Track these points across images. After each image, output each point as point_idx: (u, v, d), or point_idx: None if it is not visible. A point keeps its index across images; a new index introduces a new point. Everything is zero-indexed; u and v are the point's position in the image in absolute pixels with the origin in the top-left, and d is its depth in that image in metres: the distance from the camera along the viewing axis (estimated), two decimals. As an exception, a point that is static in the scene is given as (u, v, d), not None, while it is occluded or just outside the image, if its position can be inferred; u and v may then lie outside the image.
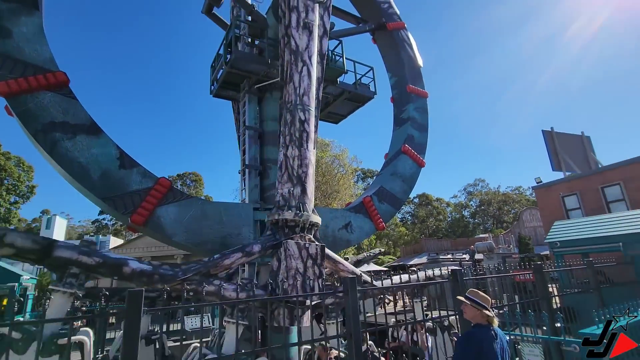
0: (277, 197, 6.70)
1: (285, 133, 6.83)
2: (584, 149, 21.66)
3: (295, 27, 7.34)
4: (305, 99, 7.17)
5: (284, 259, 5.85)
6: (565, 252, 10.27)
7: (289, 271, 5.77)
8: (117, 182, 6.49)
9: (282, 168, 6.68)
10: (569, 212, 18.19)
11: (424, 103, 12.38)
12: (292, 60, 7.27)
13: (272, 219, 6.45)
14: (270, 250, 6.18)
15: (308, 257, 6.02)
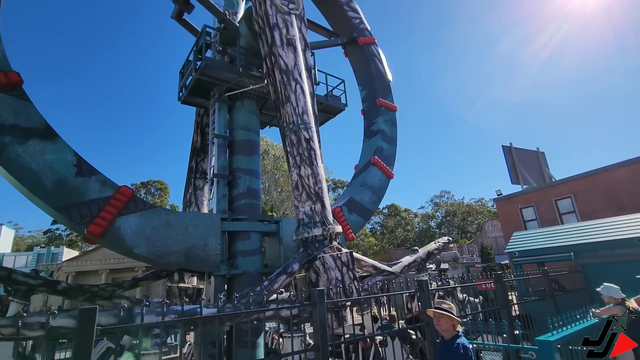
0: (299, 215, 6.94)
1: (294, 154, 6.98)
2: (539, 164, 23.17)
3: (280, 45, 7.28)
4: (306, 118, 7.19)
5: (324, 272, 6.28)
6: (523, 262, 10.81)
7: (330, 281, 6.22)
8: (73, 190, 6.09)
9: (298, 188, 6.90)
10: (527, 223, 19.27)
11: (393, 116, 12.74)
12: (285, 80, 7.19)
13: (302, 237, 6.71)
14: (306, 265, 6.54)
15: (342, 265, 6.53)
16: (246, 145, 9.31)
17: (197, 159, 10.86)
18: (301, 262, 6.47)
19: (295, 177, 6.94)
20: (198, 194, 10.46)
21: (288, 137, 7.12)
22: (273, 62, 7.40)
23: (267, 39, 7.46)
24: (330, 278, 6.24)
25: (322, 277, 6.26)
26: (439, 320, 3.62)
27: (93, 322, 2.68)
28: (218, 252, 7.48)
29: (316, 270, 6.41)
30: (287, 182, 28.64)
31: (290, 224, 9.15)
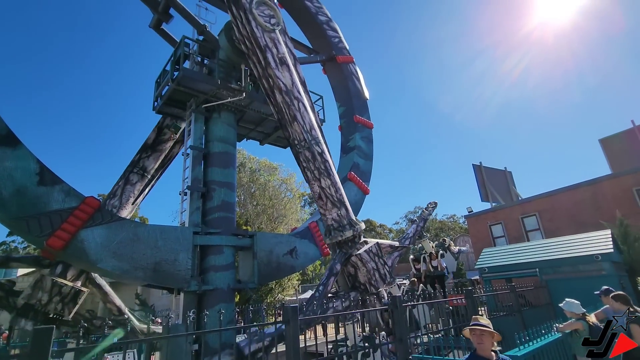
0: (328, 222, 7.55)
1: (311, 168, 7.41)
2: (506, 182, 24.22)
3: (275, 67, 7.37)
4: (314, 132, 7.46)
5: (363, 265, 7.26)
6: (492, 277, 11.12)
7: (369, 272, 7.27)
8: (33, 200, 5.75)
9: (322, 198, 7.44)
10: (496, 239, 19.94)
11: (369, 133, 13.01)
12: (288, 100, 7.33)
13: (335, 241, 7.43)
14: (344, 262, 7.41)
15: (374, 256, 7.49)
16: (222, 158, 9.17)
17: (143, 154, 10.51)
18: (341, 262, 7.31)
19: (317, 189, 7.44)
20: (127, 189, 9.97)
21: (302, 154, 7.43)
22: (271, 84, 7.48)
23: (259, 61, 7.46)
24: (368, 269, 7.30)
25: (361, 270, 7.30)
26: (480, 339, 3.12)
27: (48, 344, 2.49)
28: (189, 267, 7.23)
29: (354, 264, 7.35)
30: (262, 196, 28.32)
31: (265, 239, 9.02)
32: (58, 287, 7.09)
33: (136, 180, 10.10)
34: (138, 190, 10.02)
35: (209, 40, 9.83)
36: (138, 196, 10.15)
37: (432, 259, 11.53)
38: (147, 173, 10.32)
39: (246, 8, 7.07)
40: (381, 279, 7.34)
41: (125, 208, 9.67)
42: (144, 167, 10.31)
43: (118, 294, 32.01)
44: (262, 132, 11.60)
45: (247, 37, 7.54)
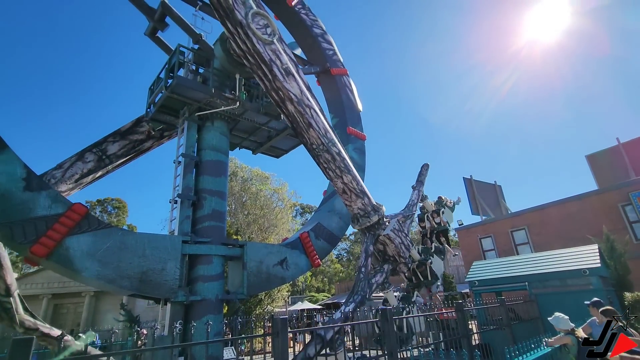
0: (354, 211, 8.42)
1: (332, 168, 7.97)
2: (496, 196, 24.51)
3: (282, 79, 7.47)
4: (329, 135, 7.86)
5: (391, 242, 8.58)
6: (482, 291, 11.14)
7: (397, 246, 8.65)
8: (18, 205, 5.61)
9: (346, 192, 8.21)
10: (486, 252, 20.06)
11: (362, 145, 13.10)
12: (301, 110, 7.54)
13: (364, 226, 8.43)
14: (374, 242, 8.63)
15: (398, 232, 8.88)
16: (214, 166, 9.12)
17: (110, 138, 10.00)
18: (373, 242, 8.49)
19: (341, 185, 8.13)
20: (76, 164, 9.33)
21: (321, 156, 7.91)
22: (282, 96, 7.59)
23: (265, 74, 7.50)
24: (396, 245, 8.62)
25: (389, 246, 8.60)
26: None
27: (28, 355, 2.40)
28: (177, 276, 7.09)
29: (383, 242, 8.61)
30: (254, 206, 28.12)
31: (256, 249, 8.92)
32: None
33: (90, 160, 9.54)
34: (88, 169, 9.41)
35: (204, 49, 9.87)
36: (86, 175, 9.45)
37: (434, 217, 13.02)
38: (106, 157, 9.75)
39: (243, 24, 7.09)
40: (406, 249, 8.88)
41: (66, 183, 9.07)
42: (105, 149, 9.80)
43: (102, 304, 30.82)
44: (254, 142, 11.59)
45: (249, 53, 7.55)
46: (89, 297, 27.42)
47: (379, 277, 8.46)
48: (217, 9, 6.82)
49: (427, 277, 10.93)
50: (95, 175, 9.76)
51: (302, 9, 13.34)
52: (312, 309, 30.85)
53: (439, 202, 13.58)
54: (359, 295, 7.63)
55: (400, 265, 8.81)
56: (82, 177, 9.32)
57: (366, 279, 8.02)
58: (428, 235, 12.99)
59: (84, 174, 9.33)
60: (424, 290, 10.80)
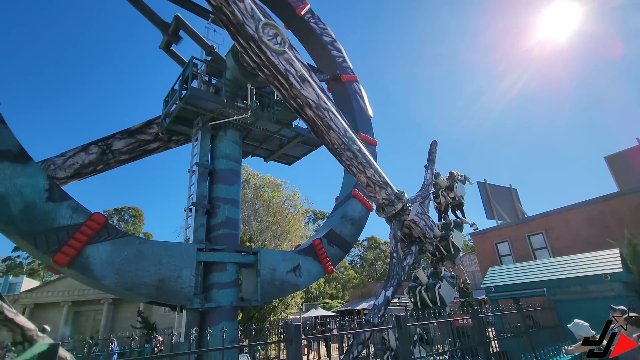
0: (379, 201, 8.88)
1: (355, 164, 8.38)
2: (512, 200, 24.02)
3: (299, 87, 7.70)
4: (349, 134, 8.20)
5: (416, 225, 9.09)
6: (499, 297, 10.90)
7: (423, 229, 9.20)
8: (42, 216, 5.84)
9: (370, 185, 8.62)
10: (502, 257, 19.64)
11: (373, 150, 13.11)
12: (320, 114, 7.85)
13: (390, 215, 8.89)
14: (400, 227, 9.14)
15: (422, 214, 9.43)
16: (227, 175, 9.28)
17: (117, 135, 10.12)
18: (400, 228, 9.01)
19: (364, 179, 8.55)
20: (79, 154, 9.35)
21: (344, 155, 8.26)
22: (300, 103, 7.84)
23: (281, 84, 7.68)
24: (421, 227, 9.18)
25: (415, 229, 9.16)
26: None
27: None
28: (192, 284, 7.21)
29: (408, 226, 9.15)
30: (266, 213, 28.30)
31: (269, 256, 9.00)
32: None
33: (93, 152, 9.60)
34: (89, 161, 9.45)
35: (217, 61, 10.12)
36: (86, 167, 9.45)
37: (448, 192, 13.29)
38: (110, 151, 9.82)
39: (255, 37, 7.22)
40: (430, 229, 9.49)
41: (65, 171, 9.08)
42: (110, 144, 9.91)
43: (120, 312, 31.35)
44: (266, 149, 11.74)
45: (264, 65, 7.68)
46: (107, 305, 27.94)
47: (410, 259, 9.06)
48: (227, 25, 6.99)
49: (449, 251, 11.47)
50: (96, 167, 9.71)
51: (312, 18, 13.54)
52: (326, 315, 30.66)
53: (451, 177, 13.80)
54: (395, 279, 8.24)
55: (426, 245, 9.48)
56: (82, 167, 9.29)
57: (399, 263, 8.55)
58: (443, 210, 13.31)
59: (85, 165, 9.33)
60: (448, 262, 11.32)
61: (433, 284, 9.59)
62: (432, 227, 9.56)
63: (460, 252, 10.51)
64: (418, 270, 10.03)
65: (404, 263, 8.95)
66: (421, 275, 9.90)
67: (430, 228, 9.49)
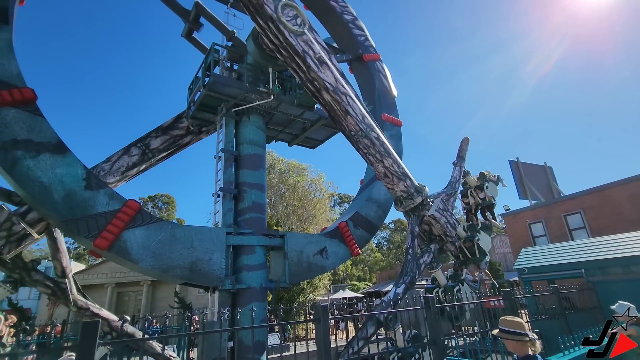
0: (397, 193, 8.42)
1: (372, 153, 8.03)
2: (547, 179, 22.91)
3: (316, 69, 7.54)
4: (367, 120, 7.92)
5: (436, 222, 8.61)
6: (532, 279, 10.57)
7: (443, 226, 8.69)
8: (81, 203, 6.18)
9: (388, 175, 8.23)
10: (536, 238, 18.92)
11: (398, 131, 12.79)
12: (337, 98, 7.61)
13: (408, 209, 8.42)
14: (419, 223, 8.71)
15: (443, 211, 8.83)
16: (252, 160, 9.39)
17: (153, 133, 10.49)
18: (418, 224, 8.55)
19: (382, 169, 8.14)
20: (123, 158, 9.75)
21: (361, 142, 7.95)
22: (317, 86, 7.67)
23: (299, 66, 7.58)
24: (442, 224, 8.64)
25: (435, 226, 8.66)
26: (505, 343, 3.41)
27: (95, 337, 2.67)
28: (223, 266, 7.46)
29: (428, 222, 8.67)
30: (292, 197, 28.62)
31: (296, 239, 9.13)
32: (10, 222, 6.71)
33: (135, 153, 10.03)
34: (133, 163, 9.88)
35: (238, 46, 10.10)
36: (131, 168, 9.91)
37: (478, 192, 12.55)
38: (149, 151, 10.24)
39: (274, 17, 7.13)
40: (452, 228, 8.86)
41: (114, 175, 9.55)
42: (148, 144, 10.29)
43: (158, 293, 33.23)
44: (290, 134, 11.74)
45: (282, 46, 7.61)
46: (146, 286, 29.70)
47: (427, 257, 8.62)
48: (247, 5, 6.91)
49: (474, 254, 10.81)
50: (140, 168, 10.17)
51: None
52: (354, 297, 31.08)
53: (481, 177, 12.97)
54: (409, 277, 7.82)
55: (447, 244, 8.91)
56: (127, 169, 9.75)
57: (414, 260, 8.15)
58: (473, 212, 12.61)
59: (129, 167, 9.77)
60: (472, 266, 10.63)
61: (452, 286, 9.12)
62: (454, 226, 8.99)
63: (486, 256, 9.76)
64: (437, 270, 9.56)
65: (420, 261, 8.53)
66: (440, 277, 9.40)
67: (453, 226, 8.93)
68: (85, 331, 2.62)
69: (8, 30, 6.30)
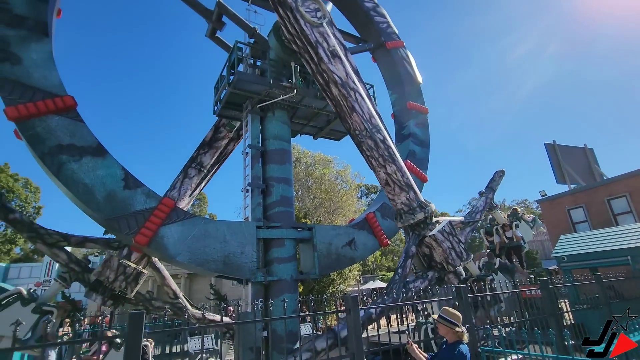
0: (397, 206, 7.70)
1: (375, 156, 7.47)
2: (587, 161, 21.58)
3: (328, 61, 7.45)
4: (374, 121, 7.54)
5: (438, 245, 7.55)
6: (573, 267, 10.09)
7: (445, 251, 7.56)
8: (121, 202, 6.56)
9: (389, 184, 7.56)
10: (576, 225, 17.97)
11: (424, 119, 12.50)
12: (345, 93, 7.41)
13: (407, 224, 7.60)
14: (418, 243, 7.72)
15: (448, 235, 7.75)
16: (278, 154, 9.53)
17: (201, 150, 11.10)
18: (416, 244, 7.59)
19: (383, 175, 7.50)
20: (185, 182, 10.52)
21: (364, 143, 7.50)
22: (326, 78, 7.55)
23: (311, 57, 7.56)
24: (444, 249, 7.56)
25: (436, 250, 7.59)
26: (438, 327, 4.07)
27: (141, 326, 2.87)
28: (254, 259, 7.69)
29: (428, 245, 7.67)
30: (319, 189, 28.79)
31: (324, 231, 9.23)
32: (123, 267, 7.66)
33: (194, 175, 10.69)
34: (195, 183, 10.58)
35: (260, 42, 10.20)
36: (195, 189, 10.69)
37: (505, 230, 11.20)
38: (204, 168, 10.89)
39: (293, 7, 7.19)
40: (457, 257, 7.62)
41: (183, 200, 10.26)
42: (201, 162, 10.92)
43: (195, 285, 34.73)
44: (314, 127, 11.78)
45: (297, 36, 7.65)
46: (184, 279, 31.12)
47: (419, 284, 7.62)
48: None
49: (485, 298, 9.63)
50: (200, 186, 11.03)
51: (352, -16, 12.92)
52: (384, 288, 30.99)
53: (513, 214, 11.76)
54: (390, 299, 6.76)
55: (449, 275, 7.67)
56: (193, 191, 10.61)
57: (401, 281, 7.14)
58: (496, 252, 11.22)
59: (194, 188, 10.61)
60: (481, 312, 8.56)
61: (485, 276, 8.37)
62: (461, 256, 7.71)
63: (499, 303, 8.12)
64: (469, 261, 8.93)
65: (411, 285, 7.40)
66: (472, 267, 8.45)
67: (459, 256, 7.68)
68: (133, 321, 2.83)
69: (48, 42, 6.73)
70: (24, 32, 6.55)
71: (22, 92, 6.15)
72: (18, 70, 6.25)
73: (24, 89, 6.18)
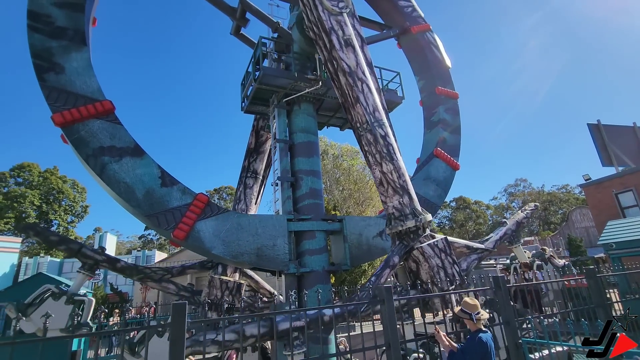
0: (389, 210, 7.06)
1: (372, 152, 7.06)
2: (637, 141, 19.97)
3: (339, 48, 7.34)
4: (377, 115, 7.28)
5: (424, 260, 6.52)
6: (622, 254, 9.44)
7: (432, 269, 6.45)
8: (159, 199, 6.89)
9: (383, 184, 7.02)
10: (625, 210, 16.78)
11: (454, 104, 12.07)
12: (351, 82, 7.27)
13: (395, 231, 6.91)
14: (404, 255, 6.81)
15: (440, 252, 6.68)
16: (306, 147, 9.58)
17: (250, 159, 11.40)
18: (400, 254, 6.69)
19: (378, 174, 7.04)
20: (247, 192, 10.96)
21: (364, 137, 7.17)
22: (336, 66, 7.45)
23: (325, 44, 7.51)
24: (431, 266, 6.47)
25: (422, 265, 6.53)
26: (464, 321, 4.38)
27: (184, 316, 3.03)
28: (286, 251, 7.84)
29: (415, 259, 6.66)
30: (347, 181, 28.71)
31: (354, 222, 9.22)
32: (225, 283, 8.60)
33: (252, 184, 11.21)
34: (256, 191, 11.13)
35: (283, 36, 10.23)
36: (257, 196, 11.24)
37: (525, 271, 9.44)
38: (259, 175, 11.38)
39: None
40: (446, 279, 6.35)
41: (251, 209, 10.87)
42: (254, 170, 11.39)
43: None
44: (340, 118, 11.72)
45: (315, 23, 7.63)
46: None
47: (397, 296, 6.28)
48: None
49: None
50: (261, 191, 11.54)
51: (374, -31, 12.59)
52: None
53: (539, 254, 10.09)
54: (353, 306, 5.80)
55: (433, 300, 6.40)
56: (255, 198, 11.16)
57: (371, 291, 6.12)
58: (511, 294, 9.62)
59: (256, 196, 11.16)
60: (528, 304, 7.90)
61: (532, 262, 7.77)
62: (452, 279, 6.46)
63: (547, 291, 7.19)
64: (517, 246, 8.26)
65: None
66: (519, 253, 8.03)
67: (449, 279, 6.43)
68: (176, 311, 2.99)
69: (87, 51, 7.12)
70: (65, 42, 6.97)
71: (66, 99, 6.57)
72: (62, 79, 6.68)
73: (67, 96, 6.60)
